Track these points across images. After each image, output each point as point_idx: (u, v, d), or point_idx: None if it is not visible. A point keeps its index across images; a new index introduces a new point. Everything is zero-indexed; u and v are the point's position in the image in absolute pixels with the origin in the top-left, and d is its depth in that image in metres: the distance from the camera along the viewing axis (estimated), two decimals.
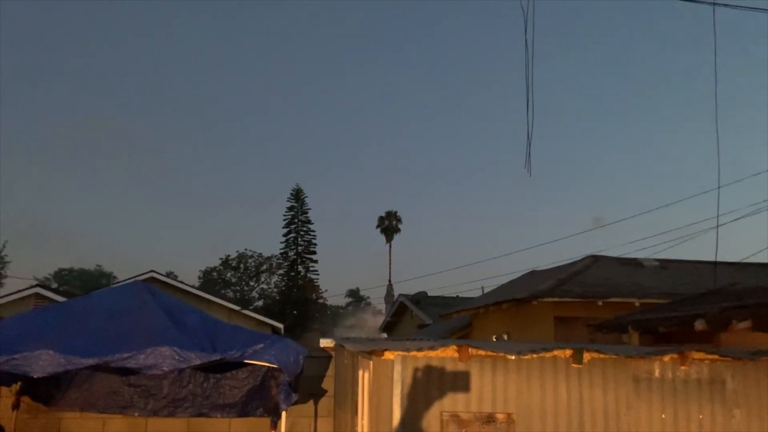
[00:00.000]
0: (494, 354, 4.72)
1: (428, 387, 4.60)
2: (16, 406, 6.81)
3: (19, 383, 6.78)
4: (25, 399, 6.90)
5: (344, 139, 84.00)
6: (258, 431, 7.41)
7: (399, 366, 4.55)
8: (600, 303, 12.95)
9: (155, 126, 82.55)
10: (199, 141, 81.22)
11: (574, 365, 4.84)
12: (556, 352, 4.83)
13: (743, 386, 5.04)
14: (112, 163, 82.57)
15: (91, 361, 5.12)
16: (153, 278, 21.47)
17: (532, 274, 17.26)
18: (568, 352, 4.82)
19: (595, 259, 16.28)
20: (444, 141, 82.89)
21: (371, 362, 5.23)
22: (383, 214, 57.05)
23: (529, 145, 5.13)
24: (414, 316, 26.63)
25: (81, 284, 46.68)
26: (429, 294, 28.23)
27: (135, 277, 19.29)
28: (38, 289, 19.10)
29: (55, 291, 21.34)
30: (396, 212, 57.19)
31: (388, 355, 4.62)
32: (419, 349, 4.56)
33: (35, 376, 5.01)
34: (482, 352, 4.70)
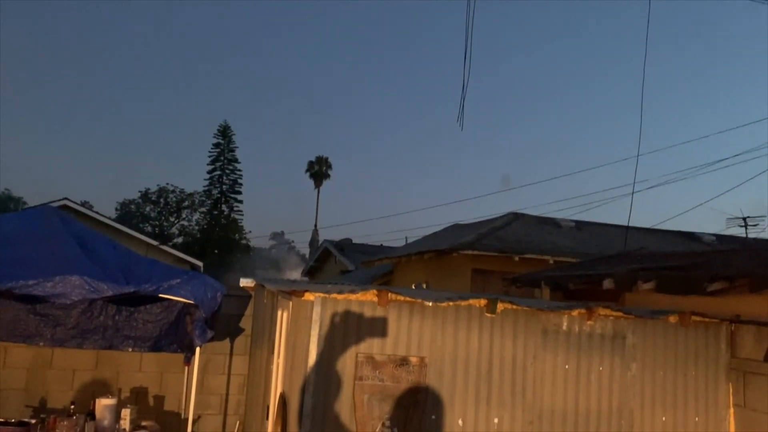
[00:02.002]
0: (412, 300, 4.79)
1: (346, 330, 4.64)
2: None
3: None
4: None
5: (278, 79, 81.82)
6: (171, 367, 7.34)
7: (318, 307, 4.55)
8: (516, 258, 13.43)
9: (79, 47, 77.52)
10: (125, 68, 77.05)
11: (487, 314, 4.99)
12: (471, 302, 4.95)
13: (642, 342, 5.37)
14: (29, 83, 77.27)
15: None
16: (66, 206, 20.51)
17: (455, 227, 17.64)
18: (483, 302, 4.96)
19: (515, 217, 16.78)
20: (379, 92, 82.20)
21: (291, 303, 5.22)
22: (313, 159, 56.50)
23: (464, 98, 5.12)
24: (337, 262, 26.80)
25: None
26: (353, 242, 28.43)
27: (47, 203, 18.33)
28: None
29: None
30: (327, 158, 56.75)
31: (308, 297, 4.61)
32: (340, 292, 4.57)
33: None
34: (401, 298, 4.76)
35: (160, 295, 5.65)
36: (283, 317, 5.83)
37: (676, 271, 5.75)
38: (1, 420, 6.03)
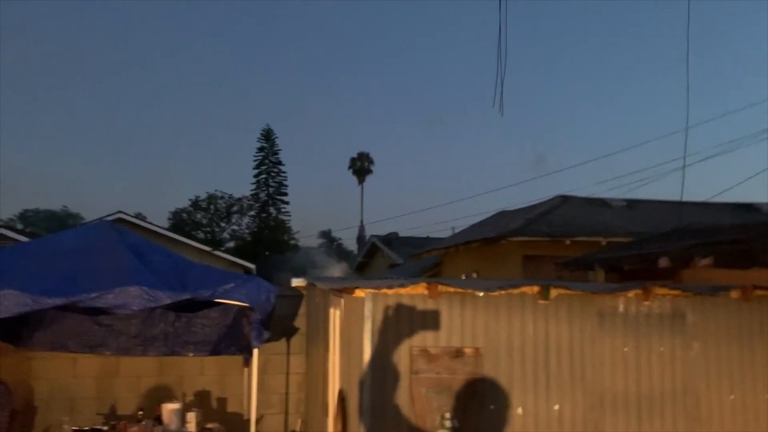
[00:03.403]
0: (463, 291, 4.78)
1: (398, 324, 4.66)
2: None
3: None
4: None
5: (316, 80, 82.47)
6: (231, 369, 7.51)
7: (370, 303, 4.59)
8: (567, 242, 13.20)
9: (123, 64, 79.86)
10: (169, 81, 78.97)
11: (541, 301, 4.94)
12: (523, 289, 4.91)
13: (702, 320, 5.23)
14: (80, 102, 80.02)
15: (58, 301, 5.07)
16: (121, 219, 21.18)
17: (502, 214, 17.45)
18: (536, 289, 4.91)
19: (563, 199, 16.49)
20: (416, 81, 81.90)
21: (342, 300, 5.28)
22: (355, 155, 56.72)
23: (501, 84, 5.06)
24: (385, 257, 26.89)
25: (47, 225, 45.88)
26: (400, 235, 28.44)
27: (103, 217, 18.97)
28: (2, 230, 18.72)
29: (20, 232, 20.95)
30: (368, 153, 56.88)
31: (359, 293, 4.65)
32: (389, 287, 4.59)
33: (1, 317, 4.94)
34: (451, 289, 4.75)
35: (216, 300, 5.78)
36: (335, 315, 5.90)
37: (734, 244, 5.56)
38: (76, 428, 6.30)
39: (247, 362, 7.08)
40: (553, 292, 4.92)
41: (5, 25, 75.27)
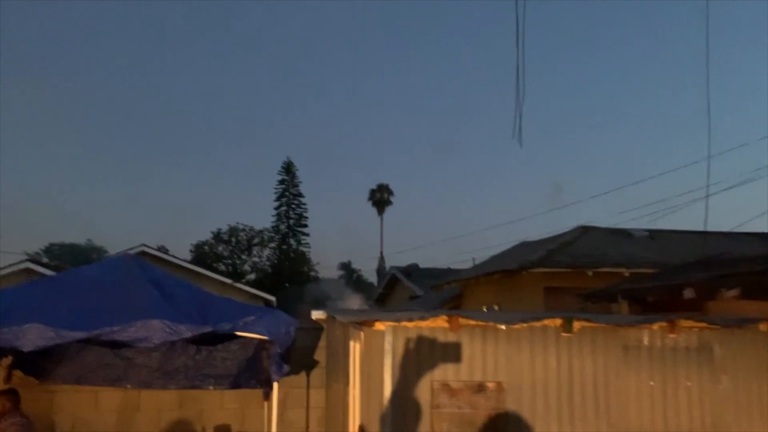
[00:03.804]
0: (484, 324, 4.74)
1: (419, 357, 4.62)
2: (7, 379, 6.79)
3: (10, 357, 6.76)
4: (17, 373, 6.88)
5: (334, 113, 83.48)
6: (251, 403, 7.46)
7: (390, 336, 4.56)
8: (590, 273, 13.05)
9: (145, 99, 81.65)
10: (191, 115, 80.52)
11: (564, 334, 4.87)
12: (546, 321, 4.85)
13: (731, 353, 5.11)
14: (103, 137, 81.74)
15: (80, 335, 5.10)
16: (144, 252, 21.40)
17: (523, 245, 17.33)
18: (558, 321, 4.84)
19: (584, 230, 16.35)
20: (433, 113, 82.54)
21: (362, 333, 5.25)
22: (374, 187, 56.99)
23: (520, 117, 5.08)
24: (405, 288, 26.77)
25: (72, 259, 46.49)
26: (420, 266, 28.35)
27: (126, 251, 19.20)
28: (29, 264, 19.02)
29: (46, 266, 21.24)
30: (387, 185, 57.15)
31: (379, 326, 4.63)
32: (410, 320, 4.57)
33: (25, 350, 4.98)
34: (472, 322, 4.71)
35: (237, 333, 5.78)
36: (355, 348, 5.86)
37: (761, 275, 5.46)
38: None
39: (267, 396, 7.04)
40: (576, 325, 4.86)
41: (28, 62, 77.63)
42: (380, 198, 56.65)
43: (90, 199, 78.23)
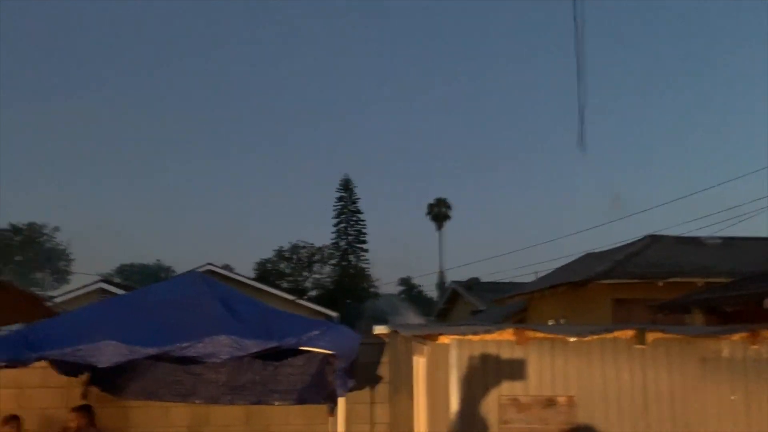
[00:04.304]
0: (553, 336, 4.60)
1: (485, 371, 4.52)
2: (84, 396, 7.05)
3: (86, 374, 7.02)
4: (94, 389, 7.14)
5: (391, 128, 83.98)
6: (316, 418, 7.48)
7: (455, 350, 4.49)
8: (660, 284, 12.57)
9: (206, 121, 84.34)
10: (248, 136, 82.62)
11: (636, 346, 4.68)
12: (617, 333, 4.68)
13: None
14: (167, 161, 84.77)
15: (152, 351, 5.23)
16: (210, 271, 21.95)
17: (588, 257, 16.87)
18: (631, 333, 4.66)
19: (653, 239, 15.79)
20: (491, 125, 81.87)
21: (426, 347, 5.19)
22: (433, 201, 56.83)
23: (582, 121, 4.95)
24: (467, 303, 26.47)
25: (142, 278, 48.20)
26: (481, 280, 28.01)
27: (192, 270, 19.76)
28: (102, 284, 19.83)
29: (118, 285, 22.10)
30: (445, 199, 56.89)
31: (444, 340, 4.56)
32: (475, 333, 4.49)
33: (100, 366, 5.15)
34: (540, 335, 4.59)
35: (301, 348, 5.81)
36: (419, 362, 5.80)
37: None
38: None
39: (332, 411, 7.04)
40: (650, 337, 4.66)
41: (86, 88, 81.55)
42: (438, 212, 56.42)
43: (158, 220, 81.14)
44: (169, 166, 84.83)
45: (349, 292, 47.04)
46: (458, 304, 28.18)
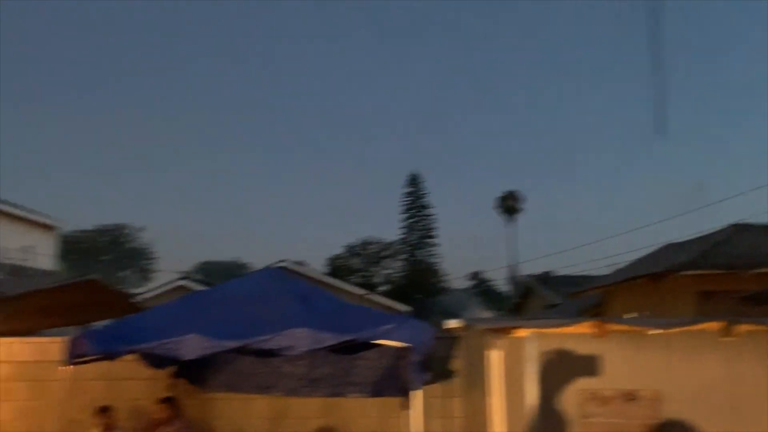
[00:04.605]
0: (634, 329, 4.46)
1: (563, 364, 4.44)
2: (170, 388, 7.37)
3: (172, 367, 7.34)
4: (179, 382, 7.45)
5: (460, 120, 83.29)
6: (391, 411, 7.53)
7: (533, 343, 4.42)
8: (747, 274, 11.94)
9: (278, 119, 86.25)
10: (319, 133, 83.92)
11: (724, 339, 4.47)
12: (704, 326, 4.48)
13: None
14: (241, 158, 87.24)
15: (233, 344, 5.41)
16: (284, 267, 22.47)
17: (668, 247, 16.22)
18: (719, 325, 4.45)
19: (737, 228, 15.01)
20: (563, 113, 79.83)
21: (502, 341, 5.14)
22: (503, 194, 55.98)
23: (661, 106, 4.76)
24: (541, 297, 25.98)
25: (221, 275, 49.90)
26: (555, 274, 27.43)
27: (268, 266, 20.27)
28: (183, 282, 20.70)
29: (199, 282, 22.97)
30: (516, 191, 55.91)
31: (520, 333, 4.50)
32: (553, 326, 4.40)
33: (184, 359, 5.37)
34: (621, 328, 4.45)
35: (376, 341, 5.87)
36: (495, 356, 5.75)
37: None
38: None
39: (406, 405, 7.07)
40: (741, 328, 4.44)
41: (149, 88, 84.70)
42: (509, 205, 55.47)
43: (235, 219, 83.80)
44: (244, 165, 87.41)
45: (419, 287, 47.07)
46: (531, 298, 27.71)
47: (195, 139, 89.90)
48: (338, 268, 49.67)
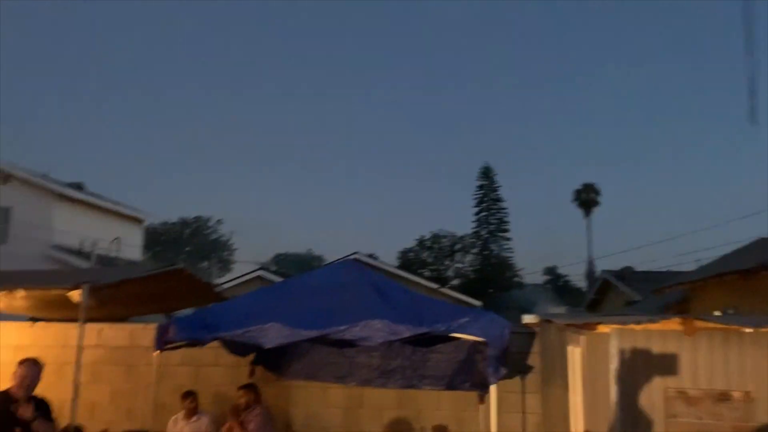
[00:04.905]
0: (726, 327, 4.24)
1: (649, 362, 4.28)
2: (251, 374, 7.63)
3: (252, 354, 7.58)
4: (259, 368, 7.69)
5: (534, 112, 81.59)
6: (466, 404, 7.51)
7: (616, 340, 4.29)
8: None
9: (350, 116, 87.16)
10: (389, 126, 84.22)
11: None
12: None
13: None
14: (318, 153, 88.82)
15: (312, 333, 5.52)
16: (356, 260, 22.71)
17: (762, 241, 15.31)
18: None
19: None
20: (642, 103, 76.71)
21: (583, 337, 5.01)
22: (579, 187, 54.38)
23: (753, 95, 4.49)
24: (620, 294, 25.09)
25: (295, 267, 51.05)
26: (635, 269, 26.44)
27: (340, 258, 20.58)
28: (261, 273, 21.32)
29: (275, 273, 23.59)
30: (593, 184, 54.19)
31: (603, 329, 4.37)
32: (637, 323, 4.25)
33: (266, 347, 5.52)
34: (711, 326, 4.25)
35: (451, 335, 5.84)
36: (575, 352, 5.62)
37: None
38: None
39: (482, 399, 7.02)
40: None
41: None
42: (586, 198, 53.82)
43: (309, 213, 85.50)
44: (318, 161, 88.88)
45: (492, 282, 46.53)
46: (610, 294, 26.80)
47: (269, 135, 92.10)
48: (409, 261, 49.77)
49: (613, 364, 4.28)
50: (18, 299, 6.29)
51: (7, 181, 22.49)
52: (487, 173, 50.12)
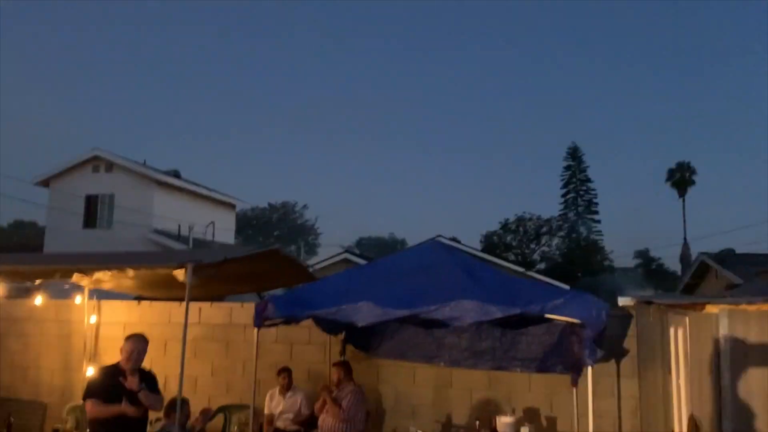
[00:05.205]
0: None
1: (764, 345, 4.02)
2: (342, 352, 7.80)
3: (343, 333, 7.74)
4: (349, 347, 7.85)
5: (624, 91, 78.23)
6: (559, 388, 7.35)
7: (725, 320, 4.05)
8: None
9: (435, 101, 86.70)
10: (473, 108, 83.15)
11: None
12: None
13: None
14: (405, 138, 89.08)
15: (403, 312, 5.55)
16: (439, 243, 22.66)
17: None
18: None
19: None
20: (736, 77, 71.82)
21: (687, 318, 4.77)
22: (674, 166, 51.81)
23: None
24: (719, 277, 23.76)
25: (378, 250, 51.65)
26: (736, 252, 24.94)
27: (424, 242, 20.59)
28: (347, 255, 21.71)
29: (359, 256, 23.94)
30: (689, 163, 51.48)
31: (711, 309, 4.15)
32: (750, 303, 4.00)
33: (359, 325, 5.61)
34: None
35: (545, 316, 5.73)
36: (678, 334, 5.37)
37: None
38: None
39: (575, 382, 6.86)
40: None
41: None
42: (681, 178, 51.21)
43: (391, 197, 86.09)
44: (400, 146, 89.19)
45: (581, 265, 45.23)
46: (708, 278, 25.43)
47: (353, 123, 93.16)
48: (493, 245, 49.16)
49: (722, 348, 4.05)
50: (126, 278, 6.68)
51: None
52: (574, 153, 48.66)
